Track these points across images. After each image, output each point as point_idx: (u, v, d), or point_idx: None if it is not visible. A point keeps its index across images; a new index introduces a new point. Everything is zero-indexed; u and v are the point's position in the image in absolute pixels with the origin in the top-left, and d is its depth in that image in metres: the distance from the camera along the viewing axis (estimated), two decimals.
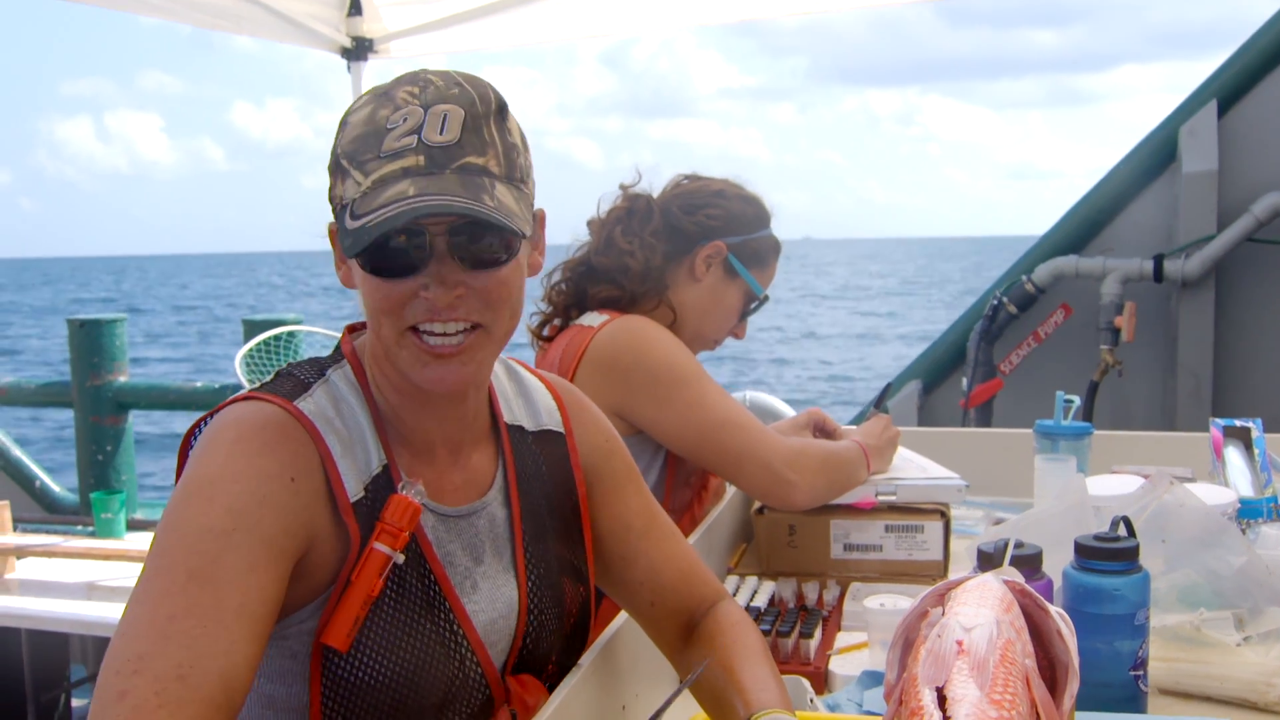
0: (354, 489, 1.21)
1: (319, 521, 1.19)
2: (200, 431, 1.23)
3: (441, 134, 1.15)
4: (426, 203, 1.11)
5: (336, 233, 1.20)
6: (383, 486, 1.23)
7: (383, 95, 1.18)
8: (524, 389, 1.45)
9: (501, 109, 1.21)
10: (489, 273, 1.19)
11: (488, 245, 1.18)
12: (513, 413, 1.42)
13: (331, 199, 1.21)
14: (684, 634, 1.45)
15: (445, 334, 1.19)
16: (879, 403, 2.38)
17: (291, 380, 1.25)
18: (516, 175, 1.20)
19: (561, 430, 1.45)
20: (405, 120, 1.15)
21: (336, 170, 1.19)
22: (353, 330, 1.35)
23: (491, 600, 1.32)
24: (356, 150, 1.16)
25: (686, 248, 2.15)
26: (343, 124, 1.19)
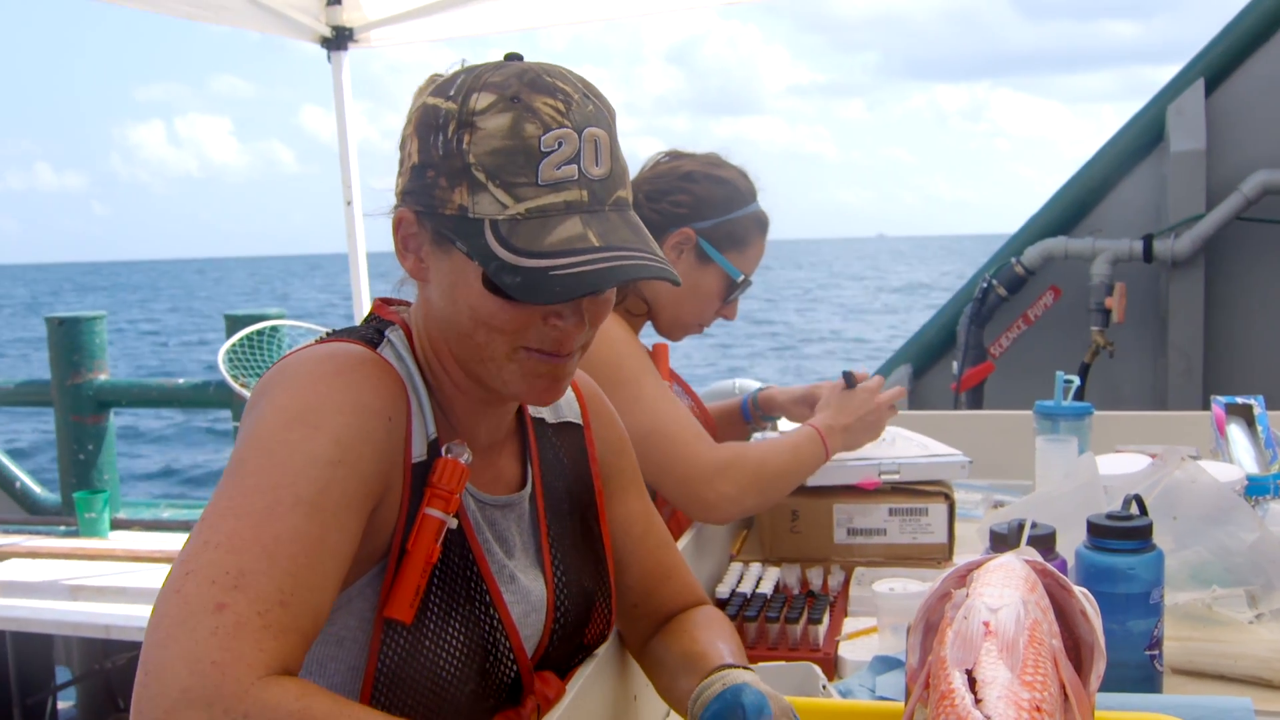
0: (419, 449, 1.16)
1: (395, 472, 1.13)
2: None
3: (598, 165, 1.12)
4: (623, 264, 1.09)
5: (472, 249, 1.09)
6: (434, 455, 1.18)
7: (519, 104, 1.09)
8: None
9: (614, 119, 1.17)
10: (607, 300, 1.19)
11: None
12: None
13: (436, 199, 1.12)
14: (654, 632, 1.44)
15: (561, 355, 1.17)
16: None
17: (357, 334, 1.20)
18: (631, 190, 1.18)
19: (580, 423, 1.41)
20: (561, 145, 1.09)
21: (463, 175, 1.10)
22: (387, 303, 1.29)
23: (525, 594, 1.27)
24: (501, 166, 1.08)
25: (653, 237, 2.06)
26: (466, 124, 1.09)
